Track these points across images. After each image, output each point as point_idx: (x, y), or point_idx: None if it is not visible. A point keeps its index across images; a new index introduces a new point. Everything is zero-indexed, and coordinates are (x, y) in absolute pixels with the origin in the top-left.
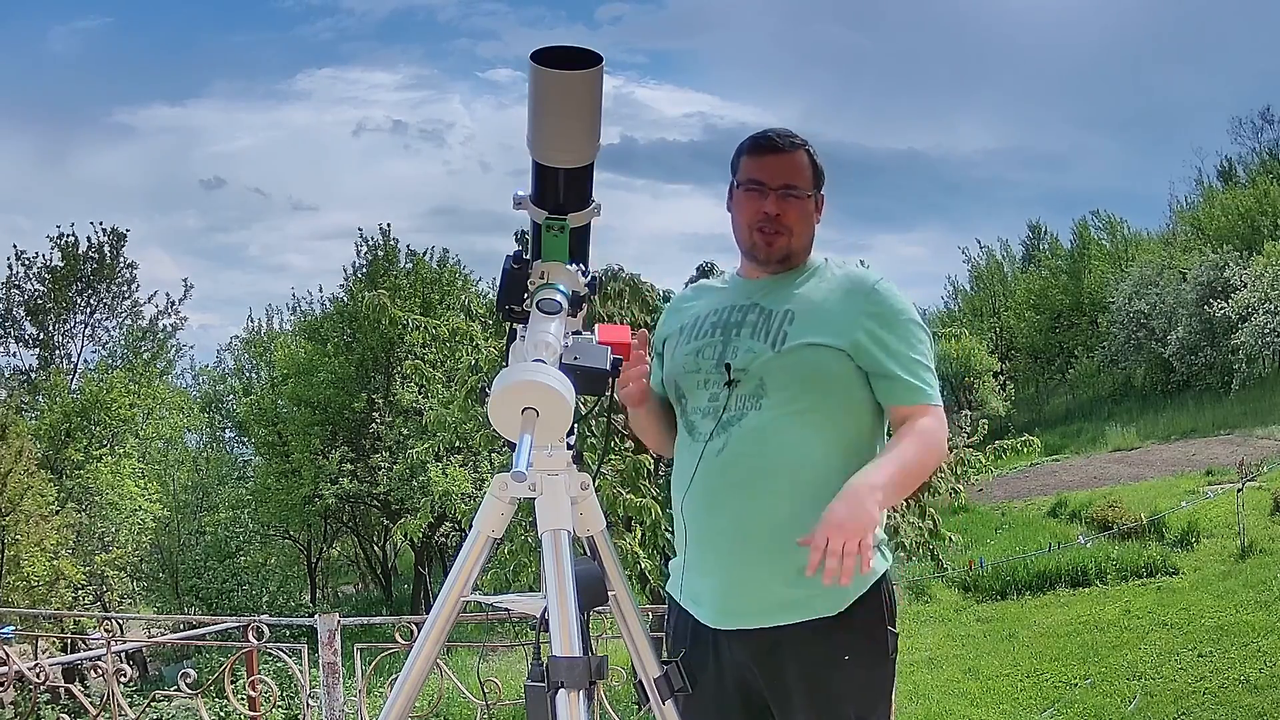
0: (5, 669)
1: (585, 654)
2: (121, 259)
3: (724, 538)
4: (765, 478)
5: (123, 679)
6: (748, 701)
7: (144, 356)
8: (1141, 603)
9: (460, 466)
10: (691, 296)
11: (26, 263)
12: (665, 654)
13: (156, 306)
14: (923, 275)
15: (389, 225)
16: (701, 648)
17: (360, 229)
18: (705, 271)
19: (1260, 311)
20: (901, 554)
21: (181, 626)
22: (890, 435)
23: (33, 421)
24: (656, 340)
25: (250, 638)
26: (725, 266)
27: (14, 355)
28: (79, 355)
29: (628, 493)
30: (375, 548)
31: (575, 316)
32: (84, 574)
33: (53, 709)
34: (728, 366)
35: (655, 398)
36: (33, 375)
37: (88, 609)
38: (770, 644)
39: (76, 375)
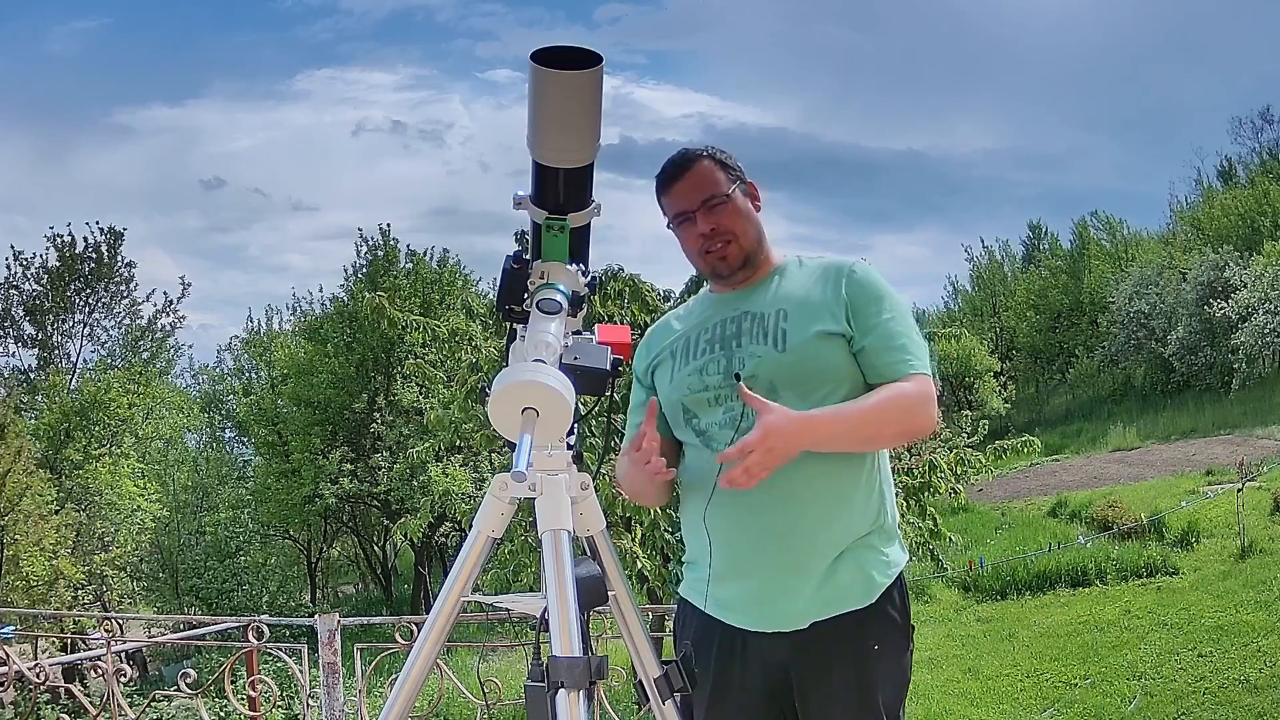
0: (5, 669)
1: (585, 654)
2: (119, 258)
3: (756, 544)
4: (788, 482)
5: (123, 679)
6: (774, 704)
7: (143, 356)
8: (1141, 603)
9: (460, 466)
10: (661, 328)
11: (25, 263)
12: (678, 652)
13: (155, 305)
14: (923, 275)
15: (389, 225)
16: (729, 651)
17: (360, 229)
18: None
19: (1260, 311)
20: (905, 555)
21: (181, 626)
22: None
23: (32, 421)
24: (640, 372)
25: (250, 638)
26: None
27: (13, 355)
28: (78, 355)
29: None
30: (375, 548)
31: (575, 316)
32: (83, 574)
33: (53, 709)
34: (737, 376)
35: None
36: (31, 375)
37: (88, 609)
38: (808, 639)
39: (75, 375)
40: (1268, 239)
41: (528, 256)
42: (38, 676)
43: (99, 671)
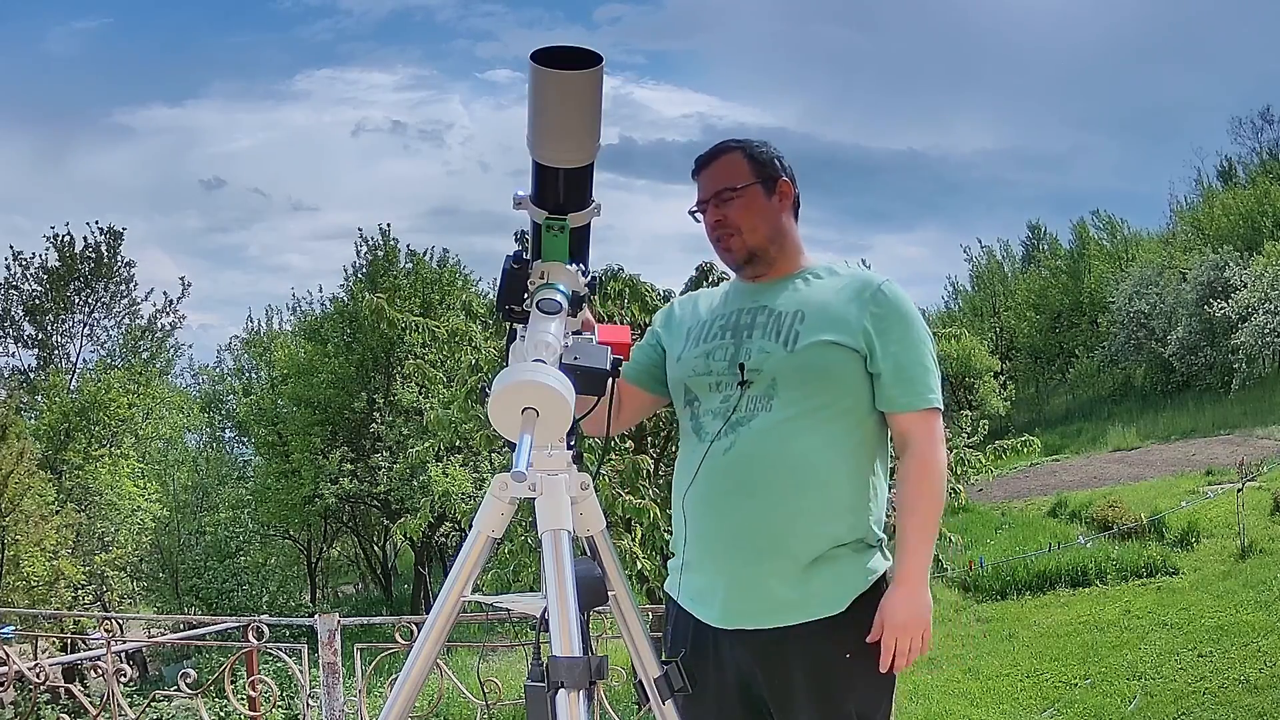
0: (5, 669)
1: (585, 654)
2: (119, 258)
3: (727, 538)
4: (771, 478)
5: (123, 679)
6: (749, 701)
7: (142, 356)
8: (1141, 603)
9: (460, 466)
10: (689, 302)
11: (24, 263)
12: (664, 654)
13: (155, 305)
14: (923, 275)
15: (389, 225)
16: (702, 647)
17: (360, 229)
18: (704, 272)
19: (1260, 311)
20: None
21: (181, 626)
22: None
23: (32, 422)
24: (656, 325)
25: (250, 638)
26: (724, 267)
27: (13, 355)
28: (78, 355)
29: (627, 493)
30: (375, 548)
31: (575, 316)
32: (84, 574)
33: (53, 709)
34: (741, 367)
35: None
36: (31, 375)
37: (88, 609)
38: (773, 643)
39: (75, 375)
40: (1268, 239)
41: (528, 256)
42: (38, 676)
43: (99, 671)
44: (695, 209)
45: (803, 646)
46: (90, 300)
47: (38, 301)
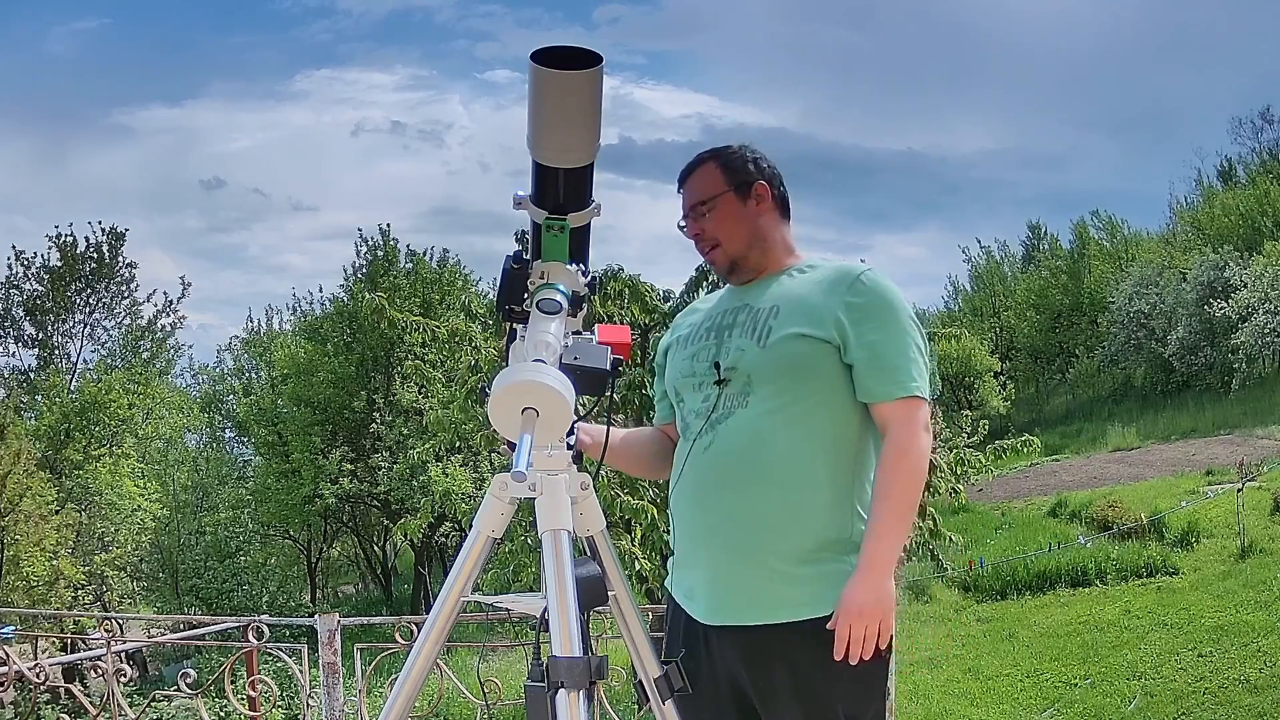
0: (5, 669)
1: (585, 654)
2: (121, 258)
3: (710, 533)
4: (750, 474)
5: (123, 679)
6: (740, 699)
7: (143, 356)
8: (1141, 603)
9: (460, 466)
10: (690, 313)
11: (25, 263)
12: (664, 652)
13: (155, 306)
14: (923, 275)
15: (389, 225)
16: (694, 643)
17: (360, 229)
18: (704, 272)
19: (1260, 311)
20: (901, 554)
21: (181, 626)
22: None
23: (32, 422)
24: (661, 347)
25: (250, 638)
26: None
27: (13, 355)
28: (78, 355)
29: (626, 494)
30: (375, 548)
31: (575, 316)
32: (84, 574)
33: (53, 709)
34: (717, 366)
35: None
36: (32, 375)
37: (88, 609)
38: (759, 643)
39: (75, 375)
40: (1268, 239)
41: (528, 257)
42: (38, 676)
43: (99, 671)
44: (682, 221)
45: (786, 647)
46: (91, 300)
47: (38, 301)
